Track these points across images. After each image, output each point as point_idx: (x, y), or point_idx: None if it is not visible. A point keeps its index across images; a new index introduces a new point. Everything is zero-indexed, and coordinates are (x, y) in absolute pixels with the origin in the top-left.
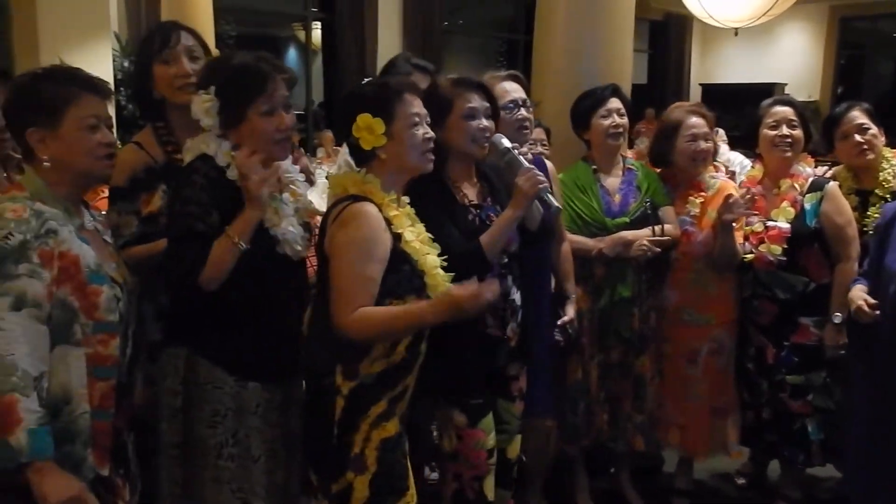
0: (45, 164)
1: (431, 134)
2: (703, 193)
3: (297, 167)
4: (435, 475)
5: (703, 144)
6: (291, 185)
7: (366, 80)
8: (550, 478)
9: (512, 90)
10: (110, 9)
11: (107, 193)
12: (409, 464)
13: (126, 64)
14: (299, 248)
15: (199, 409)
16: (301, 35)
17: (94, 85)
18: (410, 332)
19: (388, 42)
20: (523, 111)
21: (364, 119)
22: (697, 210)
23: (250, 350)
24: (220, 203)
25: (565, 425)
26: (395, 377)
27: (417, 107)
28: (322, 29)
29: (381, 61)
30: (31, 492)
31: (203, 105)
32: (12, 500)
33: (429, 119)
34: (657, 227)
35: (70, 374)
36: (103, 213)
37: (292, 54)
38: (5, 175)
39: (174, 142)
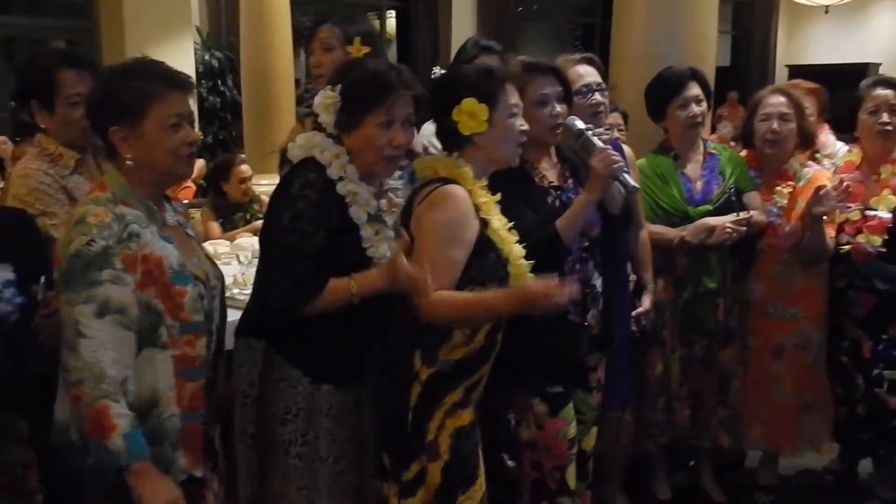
0: (128, 162)
1: (526, 126)
2: (791, 183)
3: (399, 172)
4: (512, 462)
5: (776, 125)
6: (389, 193)
7: (434, 69)
8: (629, 471)
9: (586, 74)
10: (192, 3)
11: (188, 184)
12: (480, 453)
13: (207, 57)
14: None
15: (272, 405)
16: (375, 24)
17: (176, 81)
18: (481, 321)
19: (462, 29)
20: (598, 95)
21: (469, 104)
22: (785, 201)
23: (327, 353)
24: (327, 220)
25: (644, 421)
26: (472, 365)
27: (516, 98)
28: (396, 17)
29: (455, 49)
30: (129, 493)
31: (325, 101)
32: (116, 500)
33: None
34: (742, 214)
35: (157, 377)
36: (185, 202)
37: None
38: (96, 165)
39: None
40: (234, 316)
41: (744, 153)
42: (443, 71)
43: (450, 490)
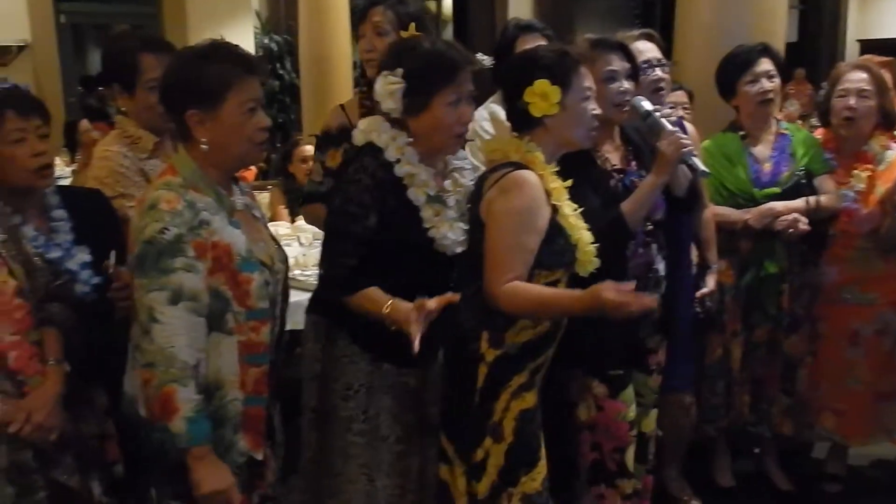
0: (202, 146)
1: (599, 110)
2: (869, 166)
3: (465, 152)
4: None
5: (853, 101)
6: (455, 174)
7: (478, 56)
8: (690, 456)
9: (646, 50)
10: None
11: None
12: (542, 434)
13: (266, 41)
14: (459, 248)
15: (333, 380)
16: (432, 6)
17: (253, 66)
18: (553, 317)
19: (519, 8)
20: (658, 71)
21: (541, 85)
22: (863, 185)
23: (388, 333)
24: (381, 203)
25: (703, 405)
26: (538, 348)
27: (590, 80)
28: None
29: None
30: (188, 474)
31: (389, 87)
32: (176, 480)
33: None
34: (811, 199)
35: (221, 362)
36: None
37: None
38: (174, 149)
39: (369, 106)
40: (295, 297)
41: (819, 133)
42: (486, 58)
43: (513, 471)
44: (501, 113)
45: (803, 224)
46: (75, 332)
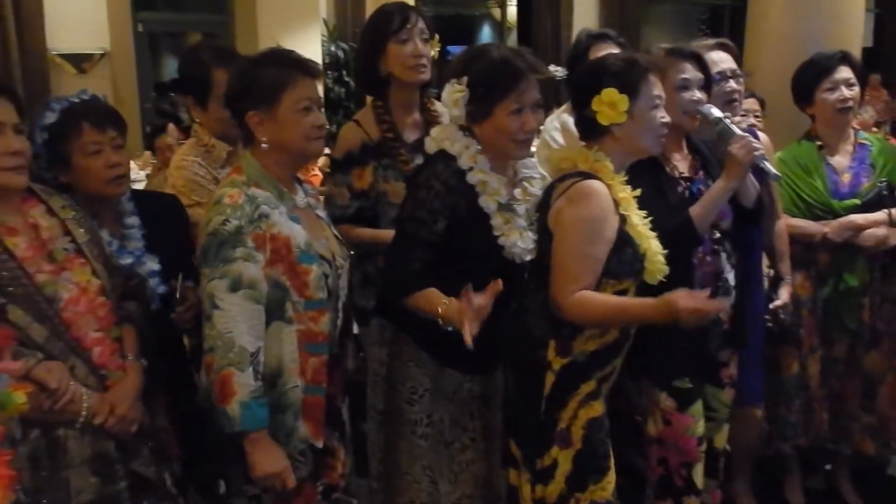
0: (263, 145)
1: (668, 118)
2: None
3: (535, 161)
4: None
5: None
6: (524, 183)
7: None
8: (759, 472)
9: (720, 60)
10: None
11: (316, 171)
12: (609, 444)
13: (333, 48)
14: (528, 256)
15: (400, 384)
16: (496, 13)
17: (307, 67)
18: (622, 327)
19: (584, 15)
20: (733, 83)
21: (609, 94)
22: None
23: (452, 339)
24: (452, 210)
25: (779, 421)
26: (606, 357)
27: (659, 89)
28: (518, 5)
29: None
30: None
31: (454, 95)
32: (236, 462)
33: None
34: (894, 211)
35: (282, 350)
36: (316, 188)
37: (486, 32)
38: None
39: (389, 121)
40: None
41: None
42: (558, 69)
43: (581, 477)
44: (571, 123)
45: (893, 240)
46: (146, 332)
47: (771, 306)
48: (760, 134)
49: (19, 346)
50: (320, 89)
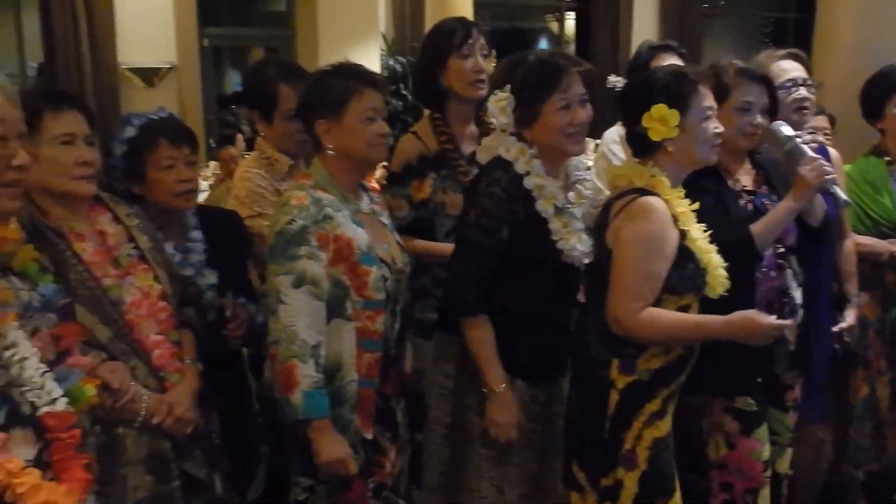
0: (329, 152)
1: (721, 129)
2: None
3: (586, 163)
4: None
5: None
6: (577, 186)
7: (610, 78)
8: (824, 499)
9: (791, 68)
10: (379, 11)
11: (373, 184)
12: (675, 464)
13: (391, 62)
14: (587, 260)
15: (468, 397)
16: (554, 26)
17: (373, 79)
18: (691, 343)
19: (643, 28)
20: (803, 90)
21: (659, 110)
22: None
23: (522, 350)
24: (512, 216)
25: (849, 446)
26: (671, 374)
27: (710, 100)
28: (576, 18)
29: (635, 48)
30: (309, 447)
31: (499, 104)
32: (304, 456)
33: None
34: None
35: (342, 345)
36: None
37: (543, 46)
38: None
39: (448, 132)
40: None
41: None
42: (618, 79)
43: (647, 499)
44: None
45: None
46: (203, 338)
47: (835, 329)
48: (831, 150)
49: (85, 345)
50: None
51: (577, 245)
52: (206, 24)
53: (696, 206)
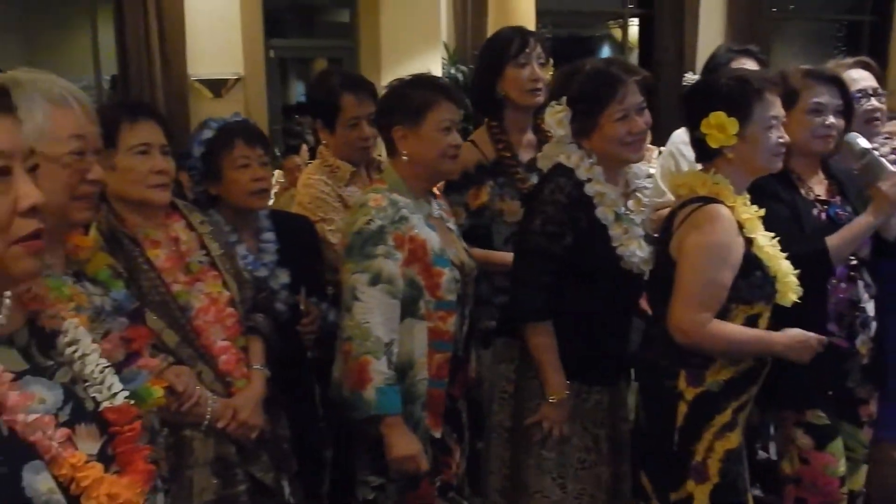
0: (403, 157)
1: (786, 138)
2: None
3: (646, 170)
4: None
5: None
6: (637, 194)
7: (686, 75)
8: None
9: (860, 78)
10: (441, 20)
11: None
12: (747, 477)
13: (452, 71)
14: (646, 267)
15: (528, 400)
16: (617, 33)
17: (451, 92)
18: (752, 356)
19: (710, 33)
20: (874, 101)
21: (717, 117)
22: None
23: (582, 354)
24: (576, 222)
25: None
26: (741, 386)
27: (776, 108)
28: (640, 25)
29: (701, 54)
30: (381, 443)
31: (556, 116)
32: (374, 454)
33: (784, 119)
34: None
35: (414, 344)
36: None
37: (606, 53)
38: (368, 178)
39: (505, 140)
40: None
41: None
42: (695, 77)
43: None
44: None
45: None
46: (273, 343)
47: None
48: None
49: (153, 349)
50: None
51: (636, 251)
52: (272, 35)
53: (762, 212)
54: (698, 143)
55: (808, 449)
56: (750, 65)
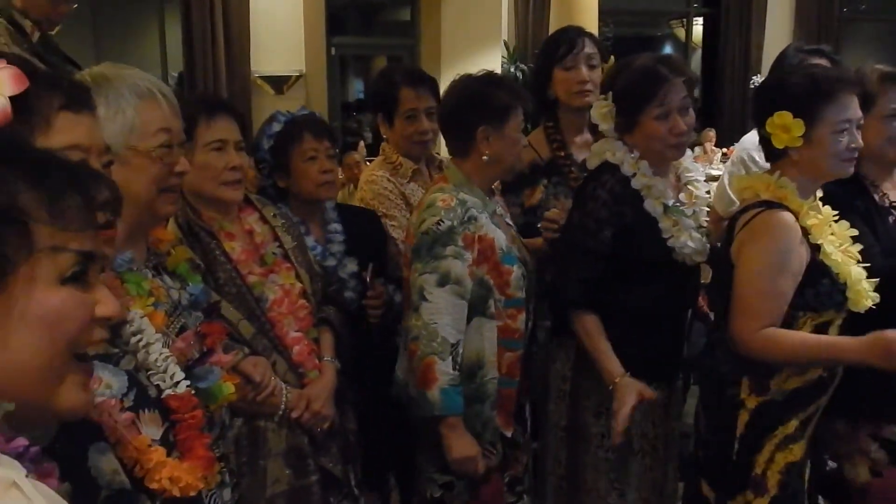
0: (483, 158)
1: (859, 142)
2: None
3: (699, 165)
4: None
5: None
6: (689, 186)
7: (753, 78)
8: None
9: None
10: (502, 19)
11: None
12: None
13: (512, 70)
14: (699, 258)
15: (585, 398)
16: (680, 33)
17: (525, 98)
18: (821, 364)
19: (777, 34)
20: None
21: (782, 117)
22: None
23: (636, 350)
24: (619, 217)
25: None
26: (808, 397)
27: (851, 110)
28: (704, 24)
29: (767, 54)
30: (441, 442)
31: (601, 111)
32: (438, 453)
33: (861, 122)
34: None
35: (483, 343)
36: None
37: (668, 51)
38: (429, 175)
39: (560, 140)
40: None
41: None
42: (763, 78)
43: None
44: None
45: None
46: (344, 335)
47: None
48: None
49: (230, 340)
50: None
51: (687, 242)
52: (334, 33)
53: (831, 215)
54: (764, 141)
55: (882, 463)
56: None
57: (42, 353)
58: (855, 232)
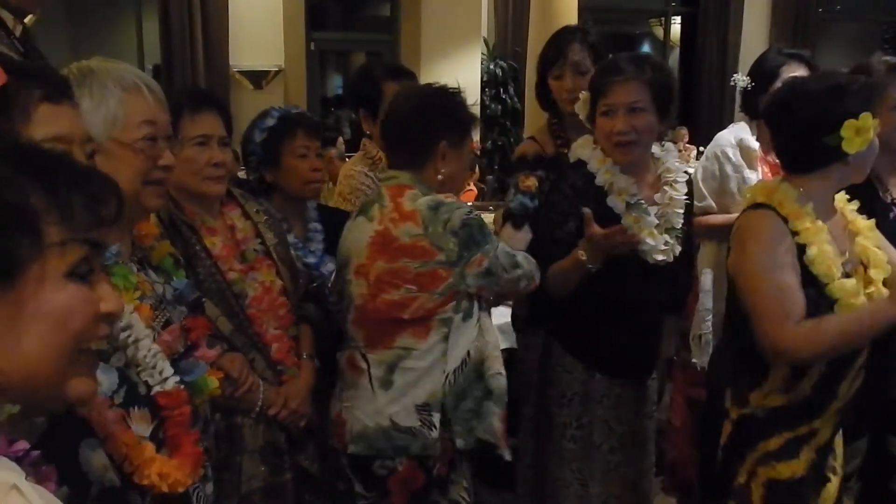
0: (439, 177)
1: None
2: None
3: (683, 165)
4: None
5: None
6: (666, 187)
7: (734, 77)
8: None
9: None
10: (482, 15)
11: (471, 187)
12: None
13: (491, 66)
14: (661, 256)
15: (550, 389)
16: (658, 31)
17: (476, 122)
18: (871, 336)
19: (754, 33)
20: None
21: (866, 118)
22: None
23: (602, 345)
24: (578, 211)
25: None
26: (794, 417)
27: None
28: (682, 23)
29: (744, 53)
30: None
31: (580, 105)
32: None
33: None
34: None
35: (486, 337)
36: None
37: (646, 50)
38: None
39: (564, 138)
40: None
41: None
42: (744, 78)
43: None
44: (751, 140)
45: None
46: (323, 334)
47: None
48: None
49: (212, 337)
50: (477, 108)
51: (647, 240)
52: (313, 28)
53: (824, 227)
54: (822, 148)
55: None
56: (801, 72)
57: (53, 349)
58: (879, 235)
